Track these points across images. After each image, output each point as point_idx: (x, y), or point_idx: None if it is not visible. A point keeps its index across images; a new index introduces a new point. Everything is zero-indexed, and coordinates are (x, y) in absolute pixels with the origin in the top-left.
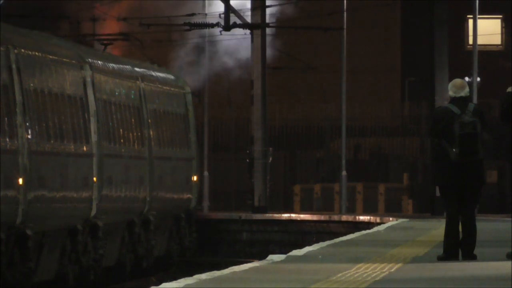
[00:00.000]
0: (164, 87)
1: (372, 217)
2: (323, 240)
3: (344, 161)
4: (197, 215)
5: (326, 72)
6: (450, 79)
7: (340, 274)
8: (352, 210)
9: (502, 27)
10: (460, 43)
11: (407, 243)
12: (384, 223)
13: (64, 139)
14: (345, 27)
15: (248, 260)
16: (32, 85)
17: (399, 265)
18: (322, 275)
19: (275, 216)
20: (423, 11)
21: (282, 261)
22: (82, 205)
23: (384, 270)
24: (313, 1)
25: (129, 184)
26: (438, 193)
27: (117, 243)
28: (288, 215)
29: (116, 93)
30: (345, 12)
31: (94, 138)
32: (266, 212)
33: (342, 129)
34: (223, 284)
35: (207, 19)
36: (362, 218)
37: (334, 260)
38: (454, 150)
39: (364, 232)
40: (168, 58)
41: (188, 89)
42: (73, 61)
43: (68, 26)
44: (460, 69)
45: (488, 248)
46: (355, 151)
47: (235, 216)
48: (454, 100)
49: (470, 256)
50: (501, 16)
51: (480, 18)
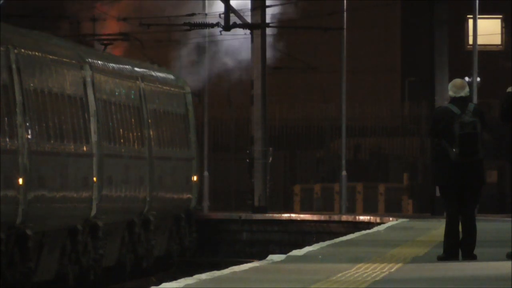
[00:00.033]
0: (164, 87)
1: (372, 217)
2: (323, 240)
3: (344, 161)
4: (197, 215)
5: (326, 72)
6: (450, 79)
7: (340, 274)
8: (352, 210)
9: (502, 27)
10: (460, 43)
11: (407, 243)
12: (384, 223)
13: (64, 139)
14: (345, 27)
15: (248, 260)
16: (32, 85)
17: (399, 265)
18: (322, 275)
19: (275, 216)
20: (423, 11)
21: (282, 261)
22: (82, 205)
23: (384, 270)
24: (313, 1)
25: (129, 184)
26: (438, 193)
27: (117, 243)
28: (288, 215)
29: (116, 93)
30: (345, 12)
31: (94, 138)
32: (266, 212)
33: (342, 129)
34: (223, 284)
35: (207, 19)
36: (362, 218)
37: (334, 260)
38: (454, 150)
39: (364, 232)
40: (168, 58)
41: (188, 89)
42: (73, 61)
43: (68, 26)
44: (460, 69)
45: (488, 248)
46: (355, 151)
47: (235, 216)
48: (454, 100)
49: (470, 256)
50: (501, 16)
51: (480, 18)
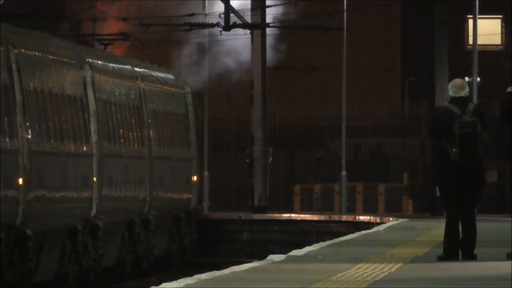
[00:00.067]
0: (164, 87)
1: (372, 217)
2: (323, 240)
3: (344, 161)
4: (197, 215)
5: (326, 72)
6: (450, 79)
7: (340, 274)
8: (352, 210)
9: (502, 27)
10: (460, 43)
11: (407, 243)
12: (384, 223)
13: (64, 139)
14: (345, 27)
15: (248, 260)
16: (32, 85)
17: (399, 265)
18: (322, 275)
19: (275, 216)
20: (423, 11)
21: (282, 261)
22: (82, 205)
23: (384, 270)
24: (313, 1)
25: (129, 184)
26: (438, 193)
27: (117, 243)
28: (288, 215)
29: (116, 93)
30: (345, 12)
31: (94, 138)
32: (266, 212)
33: (342, 129)
34: (223, 284)
35: (207, 19)
36: (362, 218)
37: (334, 260)
38: (454, 150)
39: (364, 232)
40: (168, 58)
41: (188, 89)
42: (73, 61)
43: (68, 26)
44: (460, 69)
45: (488, 248)
46: (355, 151)
47: (235, 216)
48: (454, 100)
49: (470, 256)
50: (501, 16)
51: (480, 18)
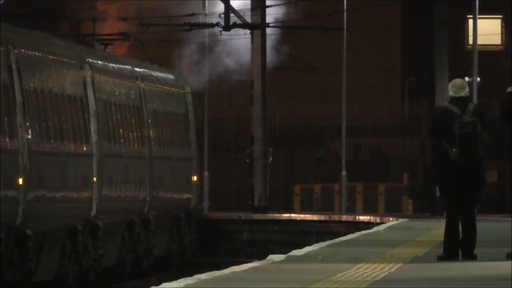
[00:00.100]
0: (164, 87)
1: (372, 217)
2: (323, 240)
3: (344, 161)
4: (197, 215)
5: (326, 72)
6: (450, 79)
7: (340, 274)
8: (352, 210)
9: (502, 27)
10: (460, 43)
11: (407, 243)
12: (384, 223)
13: (64, 139)
14: (345, 27)
15: (248, 260)
16: (32, 85)
17: (399, 265)
18: (322, 275)
19: (275, 216)
20: (423, 11)
21: (282, 261)
22: (82, 205)
23: (384, 270)
24: (313, 1)
25: (129, 184)
26: (438, 193)
27: (117, 243)
28: (288, 215)
29: (116, 93)
30: (345, 12)
31: (94, 138)
32: (266, 212)
33: (342, 129)
34: (223, 284)
35: (207, 19)
36: (362, 218)
37: (334, 260)
38: (454, 150)
39: (364, 232)
40: (169, 58)
41: (188, 89)
42: (73, 61)
43: (68, 26)
44: (460, 69)
45: (488, 248)
46: (355, 151)
47: (235, 216)
48: (454, 100)
49: (470, 256)
50: (501, 16)
51: (480, 18)
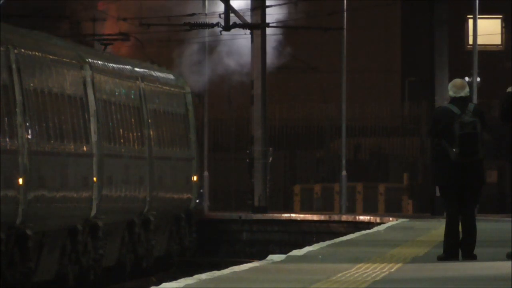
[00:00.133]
0: (164, 87)
1: (372, 217)
2: (323, 240)
3: (344, 161)
4: (198, 215)
5: (326, 72)
6: (450, 79)
7: (340, 274)
8: (352, 210)
9: (502, 27)
10: (460, 43)
11: (407, 243)
12: (384, 223)
13: (64, 139)
14: (345, 27)
15: (248, 260)
16: (32, 85)
17: (399, 265)
18: (322, 275)
19: (275, 216)
20: (423, 11)
21: (282, 261)
22: (82, 205)
23: (384, 270)
24: (313, 1)
25: (129, 184)
26: (438, 193)
27: (117, 243)
28: (288, 215)
29: (116, 93)
30: (345, 12)
31: (94, 138)
32: (266, 212)
33: (342, 129)
34: (223, 284)
35: (207, 19)
36: (362, 218)
37: (334, 260)
38: (454, 150)
39: (364, 232)
40: (169, 58)
41: (188, 89)
42: (73, 61)
43: (68, 26)
44: (460, 69)
45: (488, 248)
46: (355, 151)
47: (235, 216)
48: (454, 100)
49: (470, 256)
50: (501, 16)
51: (480, 18)
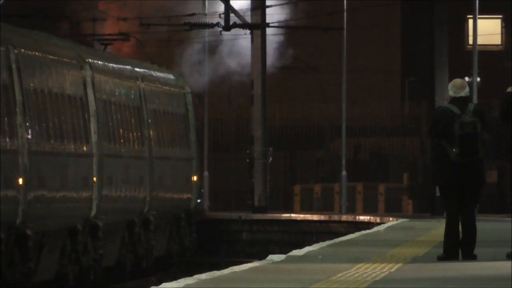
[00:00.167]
0: (164, 87)
1: (372, 217)
2: (323, 240)
3: (344, 161)
4: (200, 215)
5: (326, 72)
6: (450, 79)
7: (340, 274)
8: (352, 210)
9: (502, 27)
10: (460, 43)
11: (407, 243)
12: (384, 223)
13: (64, 139)
14: (345, 27)
15: (248, 260)
16: (32, 85)
17: (399, 265)
18: (322, 275)
19: (275, 216)
20: (423, 11)
21: (282, 261)
22: (82, 205)
23: (384, 270)
24: (313, 1)
25: (129, 184)
26: (438, 193)
27: (117, 243)
28: (288, 215)
29: (116, 93)
30: (345, 12)
31: (94, 138)
32: (266, 212)
33: (342, 129)
34: (223, 284)
35: (207, 19)
36: (362, 218)
37: (334, 260)
38: (454, 150)
39: (364, 232)
40: (169, 58)
41: (188, 89)
42: (73, 61)
43: (68, 26)
44: (460, 69)
45: (488, 248)
46: (355, 151)
47: (235, 216)
48: (454, 100)
49: (470, 256)
50: (501, 16)
51: (480, 18)
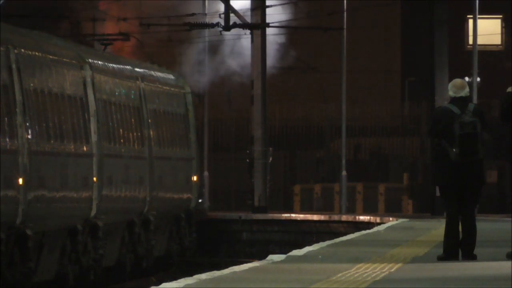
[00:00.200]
0: (164, 87)
1: (372, 217)
2: (323, 240)
3: (344, 161)
4: (200, 215)
5: (326, 72)
6: (450, 79)
7: (340, 274)
8: (352, 210)
9: (502, 27)
10: (460, 43)
11: (407, 243)
12: (384, 223)
13: (64, 139)
14: (345, 27)
15: (248, 260)
16: (32, 85)
17: (399, 265)
18: (322, 275)
19: (275, 216)
20: (423, 11)
21: (282, 261)
22: (82, 205)
23: (384, 270)
24: (313, 1)
25: (129, 184)
26: (438, 193)
27: (117, 243)
28: (288, 215)
29: (116, 93)
30: (345, 12)
31: (94, 138)
32: (266, 212)
33: (342, 129)
34: (223, 284)
35: (207, 19)
36: (362, 218)
37: (334, 260)
38: (454, 150)
39: (364, 232)
40: (169, 58)
41: (188, 89)
42: (73, 61)
43: (68, 26)
44: (460, 69)
45: (488, 248)
46: (355, 151)
47: (235, 216)
48: (454, 100)
49: (470, 256)
50: (501, 16)
51: (480, 18)
